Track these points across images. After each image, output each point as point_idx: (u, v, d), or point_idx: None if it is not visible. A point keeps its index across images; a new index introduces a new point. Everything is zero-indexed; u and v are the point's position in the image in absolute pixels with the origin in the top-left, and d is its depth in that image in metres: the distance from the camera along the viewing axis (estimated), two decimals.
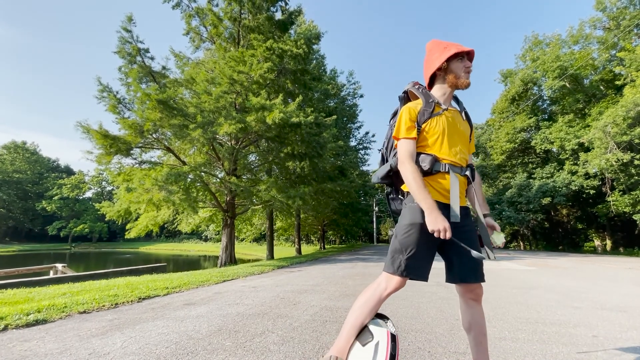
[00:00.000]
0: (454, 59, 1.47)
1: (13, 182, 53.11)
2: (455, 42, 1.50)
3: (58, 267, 10.30)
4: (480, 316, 1.41)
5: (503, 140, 27.09)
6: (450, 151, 1.43)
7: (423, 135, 1.46)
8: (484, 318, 1.42)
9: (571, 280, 5.77)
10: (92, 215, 55.20)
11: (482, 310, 1.43)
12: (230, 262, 11.44)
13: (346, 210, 24.77)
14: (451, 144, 1.44)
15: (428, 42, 1.61)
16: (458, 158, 1.44)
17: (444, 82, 1.51)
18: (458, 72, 1.47)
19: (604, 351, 2.07)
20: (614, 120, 16.86)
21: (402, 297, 3.76)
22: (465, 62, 1.48)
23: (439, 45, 1.53)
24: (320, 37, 13.78)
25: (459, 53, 1.46)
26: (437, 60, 1.49)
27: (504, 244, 1.42)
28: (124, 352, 1.93)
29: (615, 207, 19.11)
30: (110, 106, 9.42)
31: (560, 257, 12.76)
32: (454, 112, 1.51)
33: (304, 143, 10.73)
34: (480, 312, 1.42)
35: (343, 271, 6.84)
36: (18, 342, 2.12)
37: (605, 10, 21.25)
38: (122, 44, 9.65)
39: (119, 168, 10.94)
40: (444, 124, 1.45)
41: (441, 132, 1.44)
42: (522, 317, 2.92)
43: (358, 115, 26.22)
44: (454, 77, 1.47)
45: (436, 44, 1.55)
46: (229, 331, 2.39)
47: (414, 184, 1.34)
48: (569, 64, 21.96)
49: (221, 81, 9.65)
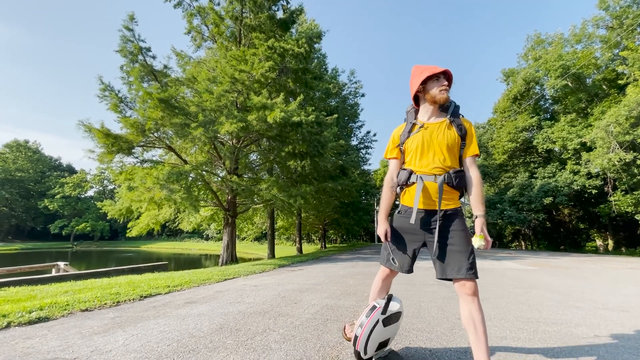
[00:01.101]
0: (429, 81, 1.72)
1: (15, 180, 53.29)
2: (432, 66, 1.74)
3: (60, 265, 10.35)
4: (477, 312, 1.50)
5: (505, 139, 27.01)
6: (422, 163, 1.69)
7: (405, 152, 1.79)
8: (481, 314, 1.50)
9: (573, 280, 5.76)
10: (93, 214, 55.37)
11: (478, 306, 1.51)
12: (232, 261, 11.46)
13: (347, 209, 24.78)
14: (424, 157, 1.69)
15: (412, 67, 1.86)
16: (430, 168, 1.67)
17: (425, 101, 1.77)
18: (434, 92, 1.70)
19: (605, 351, 2.07)
20: (616, 119, 16.78)
21: (404, 297, 3.77)
22: (442, 82, 1.70)
23: (417, 70, 1.78)
24: (322, 36, 13.76)
25: (433, 75, 1.69)
26: (415, 85, 1.76)
27: (481, 246, 1.53)
28: (125, 350, 1.94)
29: (617, 207, 19.04)
30: (111, 105, 9.43)
31: (561, 257, 12.73)
32: (435, 126, 1.71)
33: (305, 142, 10.73)
34: (477, 308, 1.51)
35: (344, 270, 6.85)
36: (21, 340, 2.13)
37: (608, 9, 21.12)
38: (123, 43, 9.66)
39: (120, 167, 10.97)
40: (418, 140, 1.71)
41: (415, 149, 1.72)
42: (524, 317, 2.92)
43: (359, 115, 26.22)
44: (431, 96, 1.71)
45: (415, 70, 1.81)
46: (231, 329, 2.39)
47: (381, 200, 1.84)
48: (571, 63, 21.86)
49: (222, 80, 9.65)
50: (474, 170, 1.68)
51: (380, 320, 1.71)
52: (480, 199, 1.62)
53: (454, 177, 1.64)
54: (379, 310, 1.72)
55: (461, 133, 1.69)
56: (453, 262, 1.55)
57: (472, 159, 1.70)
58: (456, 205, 1.68)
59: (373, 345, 1.72)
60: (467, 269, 1.52)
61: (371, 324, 1.69)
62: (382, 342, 1.78)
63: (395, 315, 1.79)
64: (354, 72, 26.29)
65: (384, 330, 1.74)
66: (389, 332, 1.79)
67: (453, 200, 1.68)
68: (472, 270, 1.52)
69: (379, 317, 1.71)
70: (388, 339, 1.82)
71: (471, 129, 1.72)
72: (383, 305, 1.73)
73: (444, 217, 1.64)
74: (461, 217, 1.66)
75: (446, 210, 1.65)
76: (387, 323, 1.75)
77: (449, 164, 1.66)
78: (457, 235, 1.59)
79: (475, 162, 1.70)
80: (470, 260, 1.54)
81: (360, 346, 1.69)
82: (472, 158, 1.70)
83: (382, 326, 1.72)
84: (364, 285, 4.65)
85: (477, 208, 1.61)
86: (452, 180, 1.64)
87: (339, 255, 12.61)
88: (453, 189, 1.66)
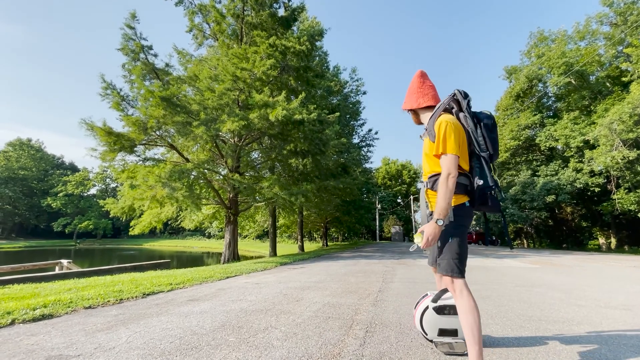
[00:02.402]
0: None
1: (19, 179, 53.64)
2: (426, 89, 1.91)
3: (63, 263, 10.40)
4: (457, 307, 1.65)
5: (507, 137, 26.89)
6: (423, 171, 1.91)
7: None
8: (459, 309, 1.63)
9: (575, 278, 5.74)
10: (96, 212, 55.70)
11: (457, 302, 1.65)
12: (234, 259, 11.50)
13: (349, 207, 24.77)
14: (423, 166, 1.89)
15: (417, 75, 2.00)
16: (424, 175, 1.88)
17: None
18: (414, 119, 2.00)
19: (608, 350, 2.06)
20: (620, 117, 16.68)
21: (406, 295, 3.77)
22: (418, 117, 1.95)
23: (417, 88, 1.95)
24: (323, 34, 13.72)
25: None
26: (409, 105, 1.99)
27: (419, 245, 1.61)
28: (129, 347, 1.95)
29: (620, 205, 18.96)
30: (113, 103, 9.44)
31: (564, 255, 12.70)
32: (424, 137, 1.85)
33: (306, 140, 10.71)
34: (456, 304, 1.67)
35: (345, 268, 6.86)
36: (25, 336, 2.15)
37: (612, 5, 20.95)
38: (125, 41, 9.66)
39: (122, 165, 10.98)
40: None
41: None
42: (525, 315, 2.92)
43: (361, 113, 26.15)
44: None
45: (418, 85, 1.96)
46: (233, 327, 2.40)
47: None
48: (574, 61, 21.72)
49: (224, 78, 9.64)
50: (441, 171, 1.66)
51: (431, 307, 1.93)
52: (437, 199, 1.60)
53: (432, 181, 1.79)
54: (429, 298, 1.97)
55: (433, 139, 1.72)
56: (432, 257, 1.85)
57: (439, 159, 1.68)
58: None
59: (431, 328, 1.94)
60: (438, 265, 1.70)
61: (422, 308, 1.97)
62: (446, 330, 1.93)
63: (452, 307, 1.91)
64: (355, 69, 26.23)
65: (443, 319, 1.92)
66: (451, 322, 1.92)
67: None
68: (440, 266, 1.68)
69: (429, 304, 1.94)
70: (455, 330, 1.92)
71: (439, 130, 1.66)
72: (435, 294, 1.94)
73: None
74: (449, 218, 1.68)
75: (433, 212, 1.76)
76: (441, 312, 1.92)
77: (428, 170, 1.81)
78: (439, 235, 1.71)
79: (442, 162, 1.64)
80: (441, 257, 1.68)
81: (416, 324, 2.01)
82: (439, 159, 1.68)
83: (435, 314, 1.91)
84: (366, 283, 4.65)
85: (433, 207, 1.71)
86: (430, 184, 1.80)
87: (340, 254, 12.63)
88: (434, 192, 1.76)
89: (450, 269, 1.63)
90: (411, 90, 1.93)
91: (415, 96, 1.90)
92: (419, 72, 1.95)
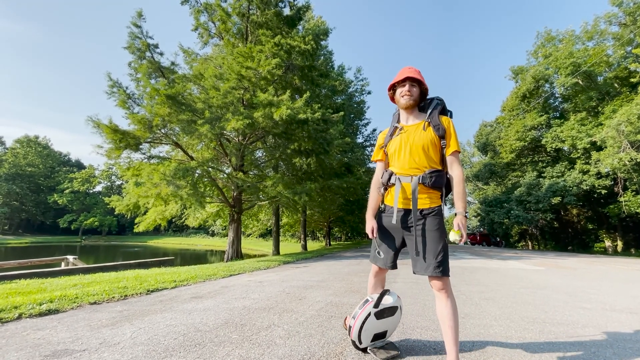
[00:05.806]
0: (397, 87, 1.84)
1: (26, 175, 54.34)
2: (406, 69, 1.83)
3: (69, 259, 10.53)
4: (444, 307, 1.61)
5: (513, 138, 26.67)
6: (399, 164, 1.77)
7: (388, 155, 1.88)
8: (449, 308, 1.59)
9: (580, 280, 5.69)
10: (101, 209, 56.21)
11: (446, 303, 1.61)
12: (237, 257, 11.55)
13: (352, 207, 24.72)
14: (401, 159, 1.76)
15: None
16: (407, 169, 1.73)
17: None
18: (397, 97, 1.84)
19: (613, 353, 2.04)
20: (628, 118, 16.46)
21: (408, 295, 3.76)
22: (403, 88, 1.80)
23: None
24: (329, 33, 13.68)
25: (396, 82, 1.82)
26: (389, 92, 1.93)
27: (457, 241, 1.59)
28: (133, 342, 1.98)
29: (627, 207, 18.72)
30: (119, 101, 9.52)
31: (569, 258, 12.57)
32: (412, 127, 1.78)
33: (310, 139, 10.72)
34: (444, 304, 1.61)
35: (348, 268, 6.86)
36: (32, 331, 2.18)
37: (622, 5, 20.64)
38: (132, 40, 9.73)
39: (128, 162, 11.07)
40: (397, 143, 1.79)
41: (394, 151, 1.80)
42: (530, 317, 2.90)
43: (365, 112, 26.07)
44: (397, 101, 1.86)
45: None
46: (236, 324, 2.42)
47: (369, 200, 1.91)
48: (582, 61, 21.44)
49: (229, 77, 9.68)
50: (455, 169, 1.70)
51: (373, 313, 1.82)
52: (459, 197, 1.65)
53: (429, 177, 1.68)
54: (371, 304, 1.83)
55: (439, 133, 1.72)
56: (422, 260, 1.64)
57: (453, 157, 1.71)
58: (435, 204, 1.70)
59: (367, 335, 1.83)
60: (434, 267, 1.59)
61: (363, 316, 1.80)
62: (379, 334, 1.87)
63: (389, 309, 1.87)
64: (360, 69, 26.10)
65: (378, 323, 1.84)
66: (384, 325, 1.88)
67: (431, 199, 1.70)
68: (440, 268, 1.59)
69: (371, 310, 1.81)
70: (385, 331, 1.90)
71: (450, 127, 1.73)
72: (376, 299, 1.84)
73: (421, 216, 1.68)
74: (438, 217, 1.68)
75: (422, 210, 1.68)
76: (381, 316, 1.84)
77: (425, 165, 1.71)
78: (430, 234, 1.65)
79: (456, 159, 1.71)
80: (439, 259, 1.60)
81: (354, 335, 1.82)
82: (452, 156, 1.71)
83: (375, 319, 1.82)
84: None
85: (457, 205, 1.64)
86: (427, 180, 1.68)
87: (343, 253, 12.63)
88: (429, 189, 1.70)
89: (448, 270, 1.62)
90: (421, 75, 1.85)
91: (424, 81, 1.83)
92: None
